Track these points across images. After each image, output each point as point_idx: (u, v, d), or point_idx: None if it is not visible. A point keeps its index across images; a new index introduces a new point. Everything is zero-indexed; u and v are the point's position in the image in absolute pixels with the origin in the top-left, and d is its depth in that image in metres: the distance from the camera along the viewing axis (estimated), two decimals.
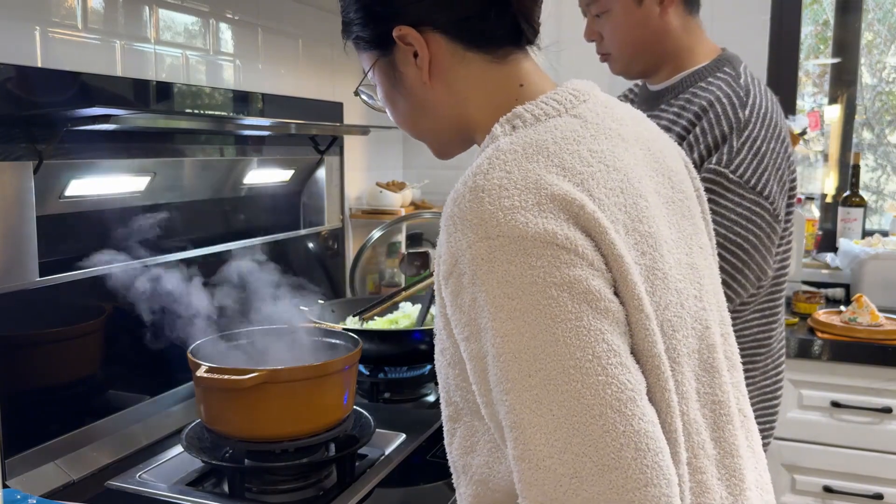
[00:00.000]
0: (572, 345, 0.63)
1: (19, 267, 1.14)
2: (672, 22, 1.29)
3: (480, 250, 0.64)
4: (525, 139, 0.70)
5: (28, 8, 1.19)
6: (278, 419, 1.14)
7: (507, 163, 0.67)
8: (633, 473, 0.61)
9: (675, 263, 0.75)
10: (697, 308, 0.77)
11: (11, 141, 1.11)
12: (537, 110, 0.74)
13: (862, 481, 2.02)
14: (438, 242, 0.71)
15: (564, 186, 0.66)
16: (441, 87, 0.80)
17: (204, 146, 1.55)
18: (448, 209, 0.68)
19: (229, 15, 1.64)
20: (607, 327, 0.64)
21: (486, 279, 0.64)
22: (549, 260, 0.63)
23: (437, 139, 0.87)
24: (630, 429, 0.62)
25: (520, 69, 0.80)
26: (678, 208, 0.80)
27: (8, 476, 1.11)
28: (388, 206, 2.20)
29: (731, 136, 1.19)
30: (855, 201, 2.62)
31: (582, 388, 0.62)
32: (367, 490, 1.14)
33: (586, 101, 0.77)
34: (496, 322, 0.64)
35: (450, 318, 0.70)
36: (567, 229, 0.65)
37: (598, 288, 0.65)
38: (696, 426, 0.75)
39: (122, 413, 1.34)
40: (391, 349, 1.56)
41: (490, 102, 0.79)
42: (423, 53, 0.78)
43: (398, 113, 0.86)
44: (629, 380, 0.64)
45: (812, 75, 2.89)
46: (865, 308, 2.05)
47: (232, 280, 1.43)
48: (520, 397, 0.63)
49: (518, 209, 0.64)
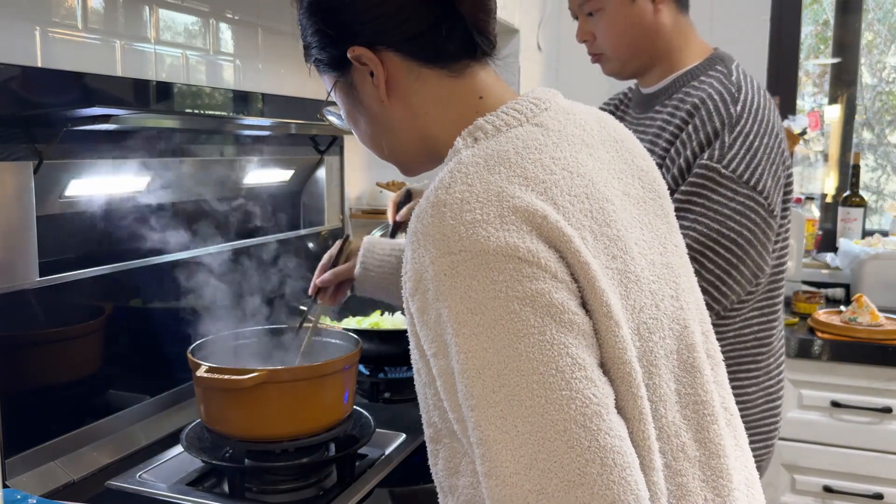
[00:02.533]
0: (535, 359, 0.62)
1: (19, 267, 1.14)
2: (665, 20, 1.29)
3: (443, 266, 0.64)
4: (486, 151, 0.70)
5: (28, 8, 1.19)
6: (278, 419, 1.14)
7: (469, 175, 0.67)
8: (599, 490, 0.60)
9: (647, 265, 0.75)
10: (674, 308, 0.77)
11: (11, 141, 1.11)
12: (498, 121, 0.74)
13: (862, 481, 2.02)
14: (404, 259, 0.70)
15: (527, 198, 0.66)
16: (399, 105, 0.80)
17: (204, 146, 1.55)
18: (412, 225, 0.68)
19: (229, 15, 1.64)
20: (571, 340, 0.64)
21: (450, 294, 0.64)
22: (510, 274, 0.63)
23: (401, 157, 0.87)
24: (595, 444, 0.61)
25: (478, 81, 0.80)
26: (650, 208, 0.80)
27: (8, 476, 1.11)
28: (388, 206, 2.19)
29: (723, 131, 1.20)
30: (855, 201, 2.62)
31: (546, 404, 0.61)
32: (367, 490, 1.14)
33: (547, 108, 0.77)
34: (459, 338, 0.64)
35: (419, 335, 0.70)
36: (529, 242, 0.64)
37: (562, 301, 0.64)
38: (676, 428, 0.74)
39: (122, 413, 1.34)
40: (391, 349, 1.56)
41: (450, 117, 0.79)
42: (378, 72, 0.78)
43: (361, 132, 0.87)
44: (594, 394, 0.63)
45: (812, 75, 2.90)
46: (865, 308, 2.05)
47: (232, 280, 1.43)
48: (485, 413, 0.63)
49: (480, 223, 0.64)
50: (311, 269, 1.63)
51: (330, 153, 1.96)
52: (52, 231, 1.21)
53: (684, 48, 1.32)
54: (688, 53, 1.32)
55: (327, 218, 1.99)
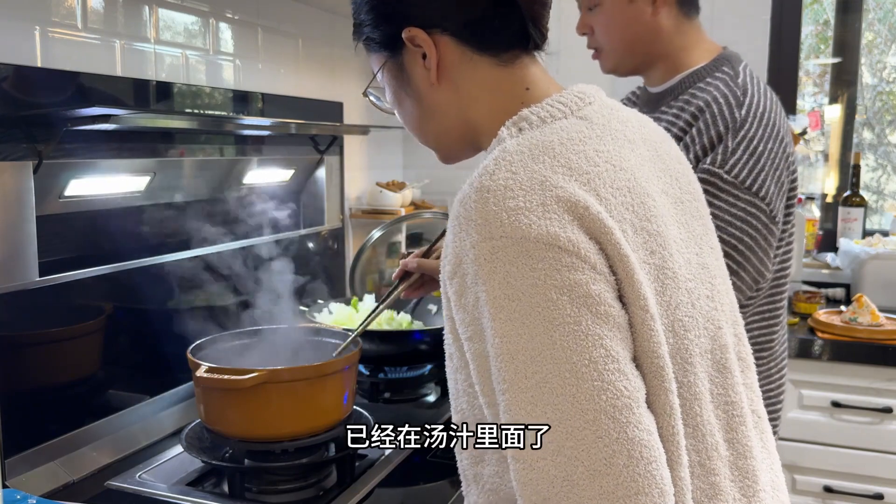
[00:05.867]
0: (569, 349, 0.63)
1: (19, 267, 1.14)
2: (663, 22, 1.28)
3: (483, 250, 0.65)
4: (531, 140, 0.71)
5: (28, 8, 1.19)
6: (278, 419, 1.14)
7: (513, 164, 0.68)
8: (623, 481, 0.61)
9: (684, 263, 0.75)
10: (709, 308, 0.77)
11: (11, 141, 1.11)
12: (543, 112, 0.75)
13: (862, 481, 2.02)
14: (444, 243, 0.71)
15: (570, 188, 0.67)
16: (448, 90, 0.80)
17: (204, 146, 1.55)
18: (454, 210, 0.69)
19: (229, 15, 1.64)
20: (606, 332, 0.64)
21: (488, 279, 0.64)
22: (550, 262, 0.63)
23: (443, 143, 0.87)
24: (623, 436, 0.62)
25: (526, 73, 0.80)
26: (687, 208, 0.81)
27: (8, 476, 1.11)
28: (388, 205, 2.20)
29: (727, 136, 1.19)
30: (855, 201, 2.62)
31: (577, 393, 0.62)
32: (367, 490, 1.14)
33: (591, 103, 0.78)
34: (496, 322, 0.64)
35: (454, 318, 0.71)
36: (570, 232, 0.65)
37: (599, 292, 0.65)
38: (710, 427, 0.74)
39: (122, 413, 1.34)
40: (391, 349, 1.56)
41: (496, 105, 0.79)
42: (431, 55, 0.79)
43: (405, 115, 0.87)
44: (625, 386, 0.64)
45: (812, 75, 2.89)
46: (866, 308, 2.05)
47: (232, 280, 1.43)
48: (516, 398, 0.64)
49: (522, 210, 0.64)
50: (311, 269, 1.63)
51: (330, 153, 1.96)
52: (52, 231, 1.21)
53: (690, 48, 1.31)
54: (694, 53, 1.31)
55: (327, 218, 1.99)
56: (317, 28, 1.99)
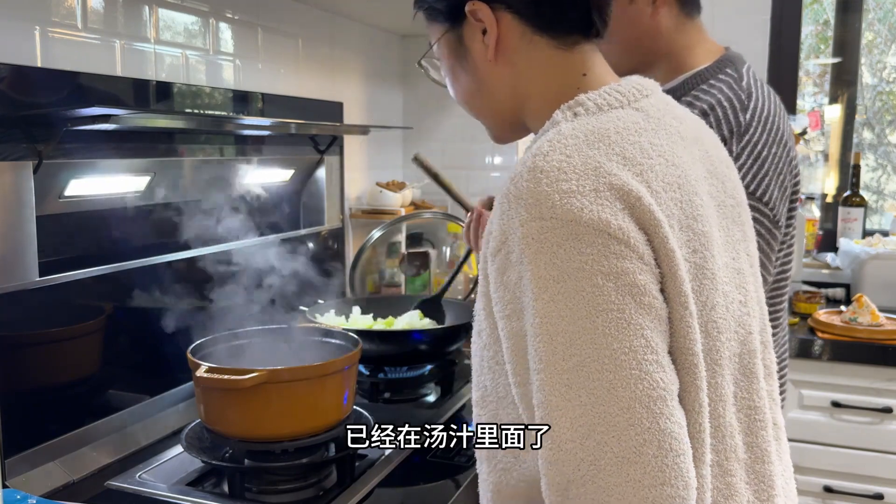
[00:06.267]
0: (610, 335, 0.63)
1: (19, 267, 1.14)
2: (663, 23, 1.27)
3: (532, 230, 0.65)
4: (587, 126, 0.71)
5: (28, 8, 1.19)
6: (278, 419, 1.14)
7: (568, 147, 0.68)
8: (651, 470, 0.62)
9: (722, 266, 0.76)
10: (741, 313, 0.78)
11: (11, 141, 1.11)
12: (600, 100, 0.75)
13: (862, 481, 2.02)
14: (490, 219, 0.71)
15: (624, 176, 0.67)
16: (504, 67, 0.80)
17: (204, 146, 1.55)
18: (505, 188, 0.69)
19: (229, 15, 1.64)
20: (648, 323, 0.65)
21: (535, 259, 0.65)
22: (599, 248, 0.64)
23: (494, 120, 0.87)
24: (655, 426, 0.62)
25: (585, 58, 0.80)
26: (729, 213, 0.81)
27: (8, 476, 1.11)
28: (388, 205, 2.20)
29: (731, 140, 1.18)
30: (855, 201, 2.62)
31: (614, 379, 0.63)
32: (367, 490, 1.14)
33: (648, 96, 0.78)
34: (538, 302, 0.64)
35: (492, 296, 0.71)
36: (621, 220, 0.65)
37: (645, 283, 0.65)
38: (731, 429, 0.75)
39: (122, 413, 1.34)
40: (391, 349, 1.56)
41: (551, 88, 0.79)
42: (492, 31, 0.78)
43: (459, 88, 0.86)
44: (662, 378, 0.64)
45: (812, 75, 2.89)
46: (866, 308, 2.05)
47: (232, 280, 1.43)
48: (551, 378, 0.64)
49: (575, 194, 0.65)
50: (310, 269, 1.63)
51: (330, 153, 1.96)
52: (52, 231, 1.21)
53: (692, 49, 1.30)
54: (696, 54, 1.30)
55: (327, 218, 1.99)
56: (317, 28, 1.99)
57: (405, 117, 2.54)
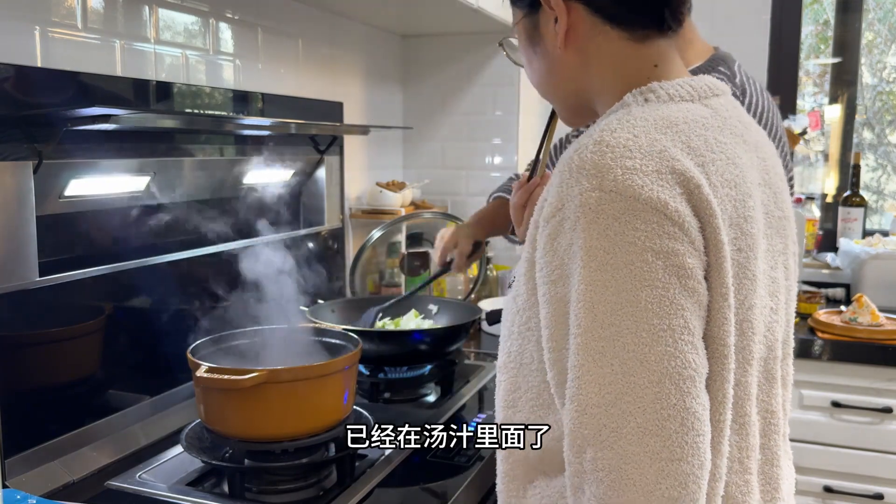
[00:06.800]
0: (651, 311, 0.65)
1: (19, 267, 1.14)
2: None
3: (590, 199, 0.66)
4: (657, 112, 0.73)
5: (28, 8, 1.19)
6: (278, 419, 1.14)
7: (636, 127, 0.69)
8: (670, 445, 0.63)
9: (761, 271, 0.77)
10: (771, 320, 0.80)
11: (11, 141, 1.11)
12: (672, 90, 0.77)
13: (862, 481, 2.02)
14: (547, 187, 0.73)
15: (686, 163, 0.68)
16: (574, 56, 0.81)
17: (204, 146, 1.55)
18: (567, 156, 0.70)
19: (229, 15, 1.64)
20: (689, 305, 0.66)
21: (588, 228, 0.66)
22: (653, 226, 0.65)
23: (563, 104, 0.89)
24: (681, 403, 0.64)
25: (656, 51, 0.81)
26: (775, 224, 0.82)
27: (8, 476, 1.11)
28: (388, 205, 2.20)
29: None
30: (855, 201, 2.62)
31: (648, 353, 0.64)
32: (367, 490, 1.14)
33: (718, 96, 0.80)
34: (586, 270, 0.66)
35: (538, 261, 0.72)
36: (679, 203, 0.66)
37: (692, 266, 0.67)
38: (753, 429, 0.77)
39: (122, 413, 1.34)
40: (391, 349, 1.56)
41: (621, 78, 0.80)
42: (562, 21, 0.79)
43: (533, 71, 0.88)
44: (694, 360, 0.66)
45: (812, 75, 2.89)
46: (866, 308, 2.05)
47: (232, 280, 1.43)
48: (587, 344, 0.66)
49: (637, 171, 0.66)
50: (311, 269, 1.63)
51: (330, 153, 1.96)
52: (52, 231, 1.21)
53: (685, 49, 1.30)
54: (689, 55, 1.31)
55: (327, 218, 1.99)
56: (317, 28, 1.99)
57: (405, 117, 2.54)
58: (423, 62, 2.50)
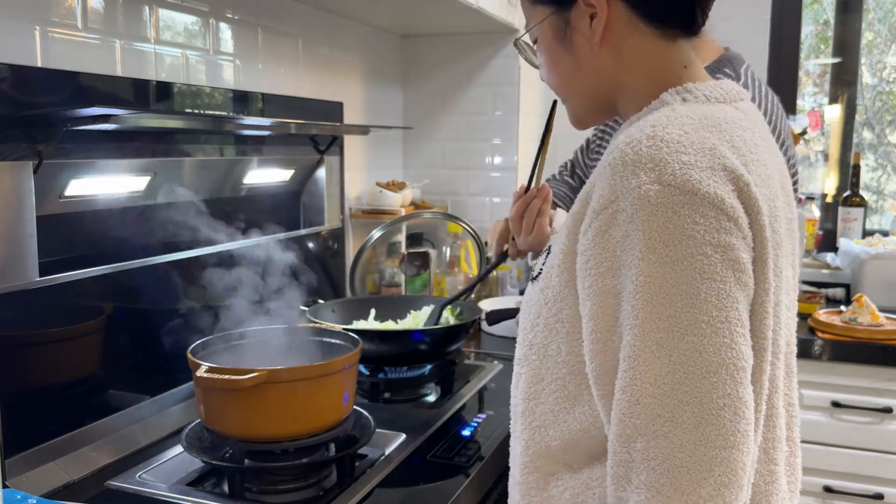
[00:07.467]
0: (710, 303, 0.66)
1: (19, 267, 1.14)
2: None
3: (649, 192, 0.67)
4: (698, 112, 0.74)
5: (28, 8, 1.19)
6: (278, 419, 1.14)
7: (685, 125, 0.71)
8: (725, 433, 0.65)
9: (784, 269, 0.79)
10: (787, 317, 0.82)
11: (11, 141, 1.11)
12: (707, 91, 0.78)
13: (862, 481, 2.02)
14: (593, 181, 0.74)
15: (735, 161, 0.70)
16: (608, 53, 0.82)
17: (204, 146, 1.55)
18: (619, 150, 0.71)
19: (229, 15, 1.64)
20: (742, 299, 0.68)
21: (648, 220, 0.67)
22: (711, 221, 0.67)
23: (585, 102, 0.88)
24: (735, 393, 0.66)
25: (685, 53, 0.82)
26: (789, 225, 0.84)
27: (8, 476, 1.11)
28: (388, 205, 2.20)
29: None
30: (855, 201, 2.62)
31: (707, 345, 0.65)
32: (367, 490, 1.14)
33: (744, 100, 0.82)
34: (644, 262, 0.67)
35: (583, 253, 0.72)
36: (733, 199, 0.68)
37: (745, 261, 0.69)
38: (780, 420, 0.79)
39: (122, 413, 1.34)
40: (391, 349, 1.56)
41: (654, 76, 0.81)
42: (602, 16, 0.80)
43: (557, 71, 0.87)
44: (746, 351, 0.67)
45: (812, 75, 2.89)
46: (866, 308, 2.05)
47: (232, 280, 1.43)
48: (644, 335, 0.67)
49: (693, 167, 0.67)
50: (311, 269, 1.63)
51: (330, 153, 1.96)
52: (52, 231, 1.21)
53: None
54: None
55: (327, 218, 1.99)
56: (317, 28, 1.99)
57: (405, 117, 2.54)
58: (423, 62, 2.50)
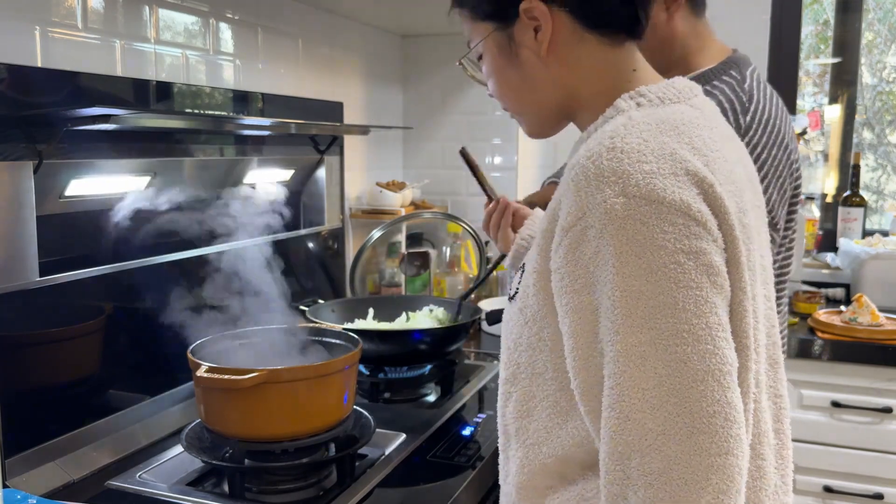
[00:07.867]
0: (689, 311, 0.65)
1: (19, 267, 1.14)
2: (679, 27, 1.25)
3: (615, 206, 0.66)
4: (655, 115, 0.73)
5: (28, 8, 1.19)
6: (278, 419, 1.14)
7: (643, 132, 0.70)
8: (719, 440, 0.64)
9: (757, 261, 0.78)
10: (767, 307, 0.81)
11: (11, 141, 1.11)
12: (660, 93, 0.77)
13: (862, 481, 2.02)
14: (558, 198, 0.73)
15: (696, 163, 0.69)
16: (555, 64, 0.81)
17: (204, 146, 1.55)
18: (581, 165, 0.70)
19: (229, 15, 1.64)
20: (720, 302, 0.67)
21: (617, 234, 0.66)
22: (680, 228, 0.66)
23: (538, 115, 0.88)
24: (724, 398, 0.65)
25: (632, 56, 0.82)
26: (760, 214, 0.84)
27: (8, 476, 1.11)
28: (388, 205, 2.20)
29: None
30: (855, 201, 2.62)
31: (691, 353, 0.65)
32: (367, 490, 1.14)
33: (697, 96, 0.81)
34: (619, 277, 0.66)
35: (556, 271, 0.72)
36: (699, 203, 0.67)
37: (719, 264, 0.68)
38: (765, 415, 0.79)
39: (122, 413, 1.34)
40: (391, 349, 1.56)
41: (603, 82, 0.81)
42: (546, 29, 0.79)
43: (506, 86, 0.86)
44: (729, 355, 0.67)
45: (812, 75, 2.89)
46: (866, 308, 2.05)
47: (232, 280, 1.43)
48: (626, 350, 0.66)
49: (656, 175, 0.67)
50: (311, 269, 1.63)
51: (330, 153, 1.96)
52: (52, 231, 1.21)
53: (701, 50, 1.28)
54: (704, 55, 1.28)
55: (327, 218, 1.99)
56: (317, 28, 1.99)
57: (405, 117, 2.54)
58: (423, 62, 2.50)
